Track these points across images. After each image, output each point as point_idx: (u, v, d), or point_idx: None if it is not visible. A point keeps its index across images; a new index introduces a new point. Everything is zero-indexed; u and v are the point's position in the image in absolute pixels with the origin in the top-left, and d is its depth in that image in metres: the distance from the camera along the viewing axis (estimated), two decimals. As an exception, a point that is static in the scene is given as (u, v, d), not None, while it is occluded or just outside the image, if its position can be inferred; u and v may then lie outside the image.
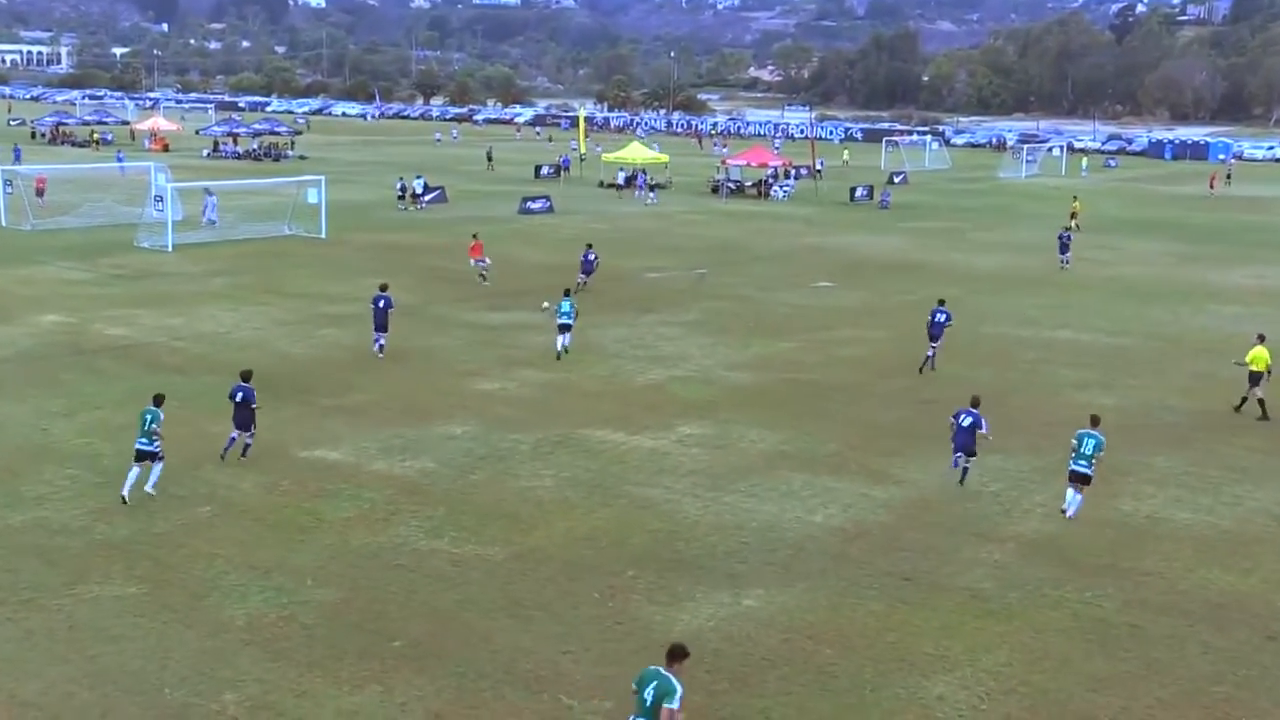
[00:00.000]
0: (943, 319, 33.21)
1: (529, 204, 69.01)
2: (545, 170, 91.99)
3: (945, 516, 21.81)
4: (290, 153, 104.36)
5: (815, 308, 42.06)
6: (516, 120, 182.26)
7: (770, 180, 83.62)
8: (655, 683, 12.22)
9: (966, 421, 23.25)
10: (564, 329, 33.18)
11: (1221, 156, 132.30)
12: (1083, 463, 21.76)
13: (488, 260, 45.73)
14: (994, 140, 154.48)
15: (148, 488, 21.26)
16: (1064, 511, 21.77)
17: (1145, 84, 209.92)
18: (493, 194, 77.79)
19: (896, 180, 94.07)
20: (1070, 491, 21.85)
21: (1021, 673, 16.25)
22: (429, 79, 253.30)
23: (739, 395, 29.97)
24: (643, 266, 50.07)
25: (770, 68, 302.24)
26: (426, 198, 70.22)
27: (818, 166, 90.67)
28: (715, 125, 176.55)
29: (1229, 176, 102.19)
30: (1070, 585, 18.97)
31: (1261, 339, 30.89)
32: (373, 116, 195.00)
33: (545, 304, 35.20)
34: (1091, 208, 72.89)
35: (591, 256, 44.06)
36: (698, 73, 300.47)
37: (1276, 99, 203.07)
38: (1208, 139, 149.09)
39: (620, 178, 79.19)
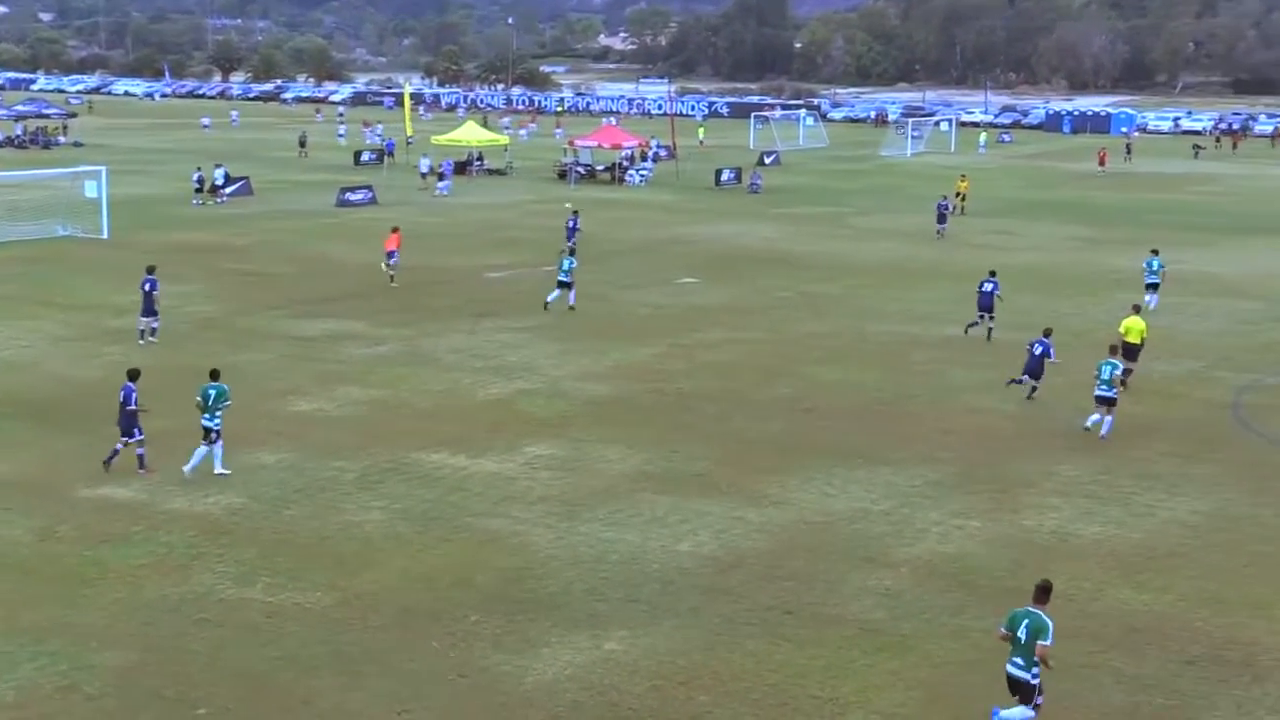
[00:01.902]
0: (991, 288, 37.84)
1: (348, 195, 68.38)
2: (367, 157, 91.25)
3: (830, 540, 22.13)
4: (62, 139, 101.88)
5: (679, 307, 42.36)
6: (331, 99, 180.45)
7: (625, 163, 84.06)
8: (1028, 621, 15.12)
9: (1038, 350, 30.26)
10: (562, 285, 40.37)
11: (1124, 129, 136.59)
12: (1104, 387, 27.92)
13: (397, 257, 45.87)
14: (876, 114, 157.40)
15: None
16: (1085, 428, 28.23)
17: (1040, 50, 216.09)
18: (306, 185, 76.88)
19: (767, 161, 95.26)
20: (1096, 416, 28.10)
21: (919, 713, 16.55)
22: (227, 52, 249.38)
23: (595, 410, 30.03)
24: (481, 265, 49.93)
25: (623, 35, 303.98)
26: (228, 190, 69.11)
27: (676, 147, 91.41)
28: (561, 101, 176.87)
29: (1129, 150, 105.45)
30: (970, 612, 19.38)
31: (1136, 309, 33.33)
32: (162, 95, 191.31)
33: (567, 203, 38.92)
34: (986, 188, 74.68)
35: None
36: (541, 42, 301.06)
37: (1181, 65, 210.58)
38: (1109, 110, 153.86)
39: (423, 166, 77.64)
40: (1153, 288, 42.97)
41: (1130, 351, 32.05)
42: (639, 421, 29.02)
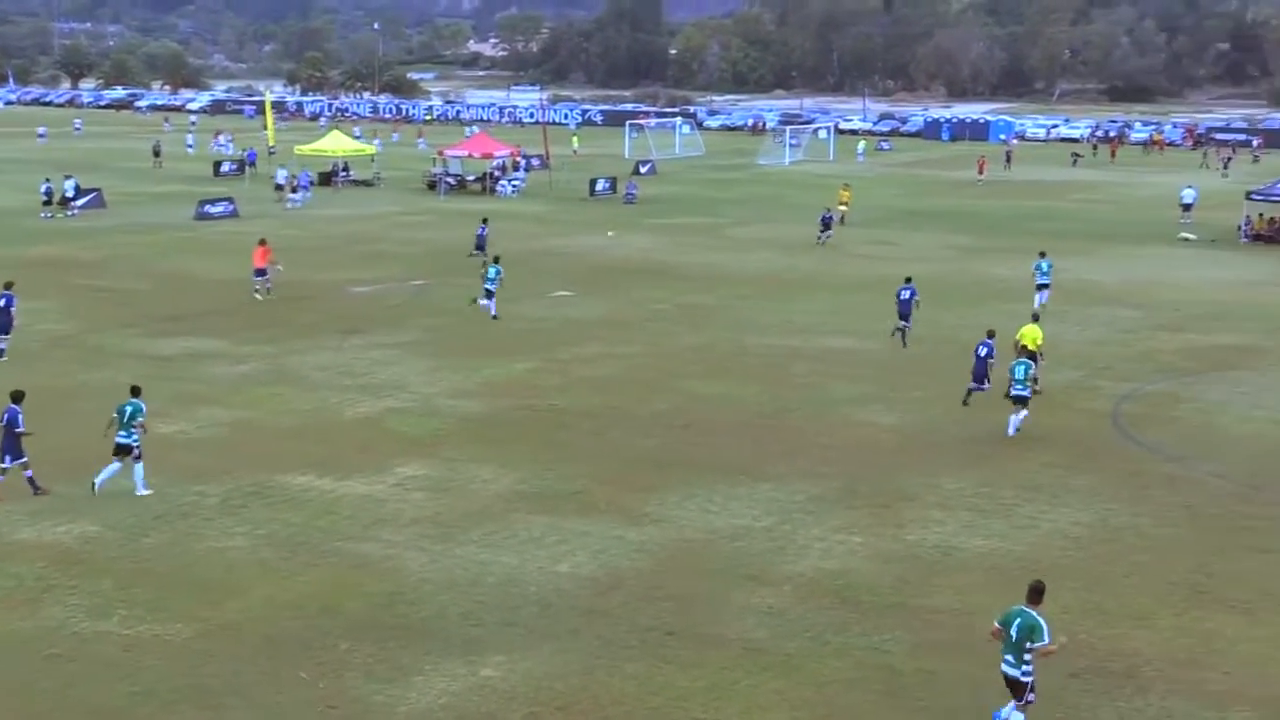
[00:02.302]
0: (908, 295, 39.25)
1: (208, 208, 67.48)
2: (228, 168, 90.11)
3: (712, 558, 22.24)
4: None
5: (554, 321, 42.35)
6: (188, 107, 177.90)
7: (497, 173, 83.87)
8: (1020, 620, 15.83)
9: (982, 352, 31.54)
10: (488, 294, 41.89)
11: (1003, 136, 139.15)
12: (1019, 386, 29.56)
13: (280, 267, 45.56)
14: (753, 122, 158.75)
15: None
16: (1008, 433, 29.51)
17: (918, 57, 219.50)
18: (162, 197, 75.74)
19: (643, 170, 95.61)
20: (1013, 417, 29.62)
21: (804, 733, 16.66)
22: (76, 57, 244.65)
23: (468, 428, 29.91)
24: (348, 279, 49.54)
25: (493, 41, 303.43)
26: (79, 203, 67.82)
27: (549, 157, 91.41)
28: (430, 110, 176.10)
29: (1008, 158, 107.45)
30: (855, 629, 19.58)
31: (1035, 318, 34.66)
32: (5, 103, 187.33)
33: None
34: (866, 197, 75.61)
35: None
36: (408, 48, 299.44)
37: (1058, 73, 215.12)
38: (988, 117, 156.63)
39: (280, 177, 76.51)
40: (1043, 288, 45.41)
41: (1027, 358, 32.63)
42: (513, 439, 28.95)
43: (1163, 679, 18.08)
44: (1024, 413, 29.82)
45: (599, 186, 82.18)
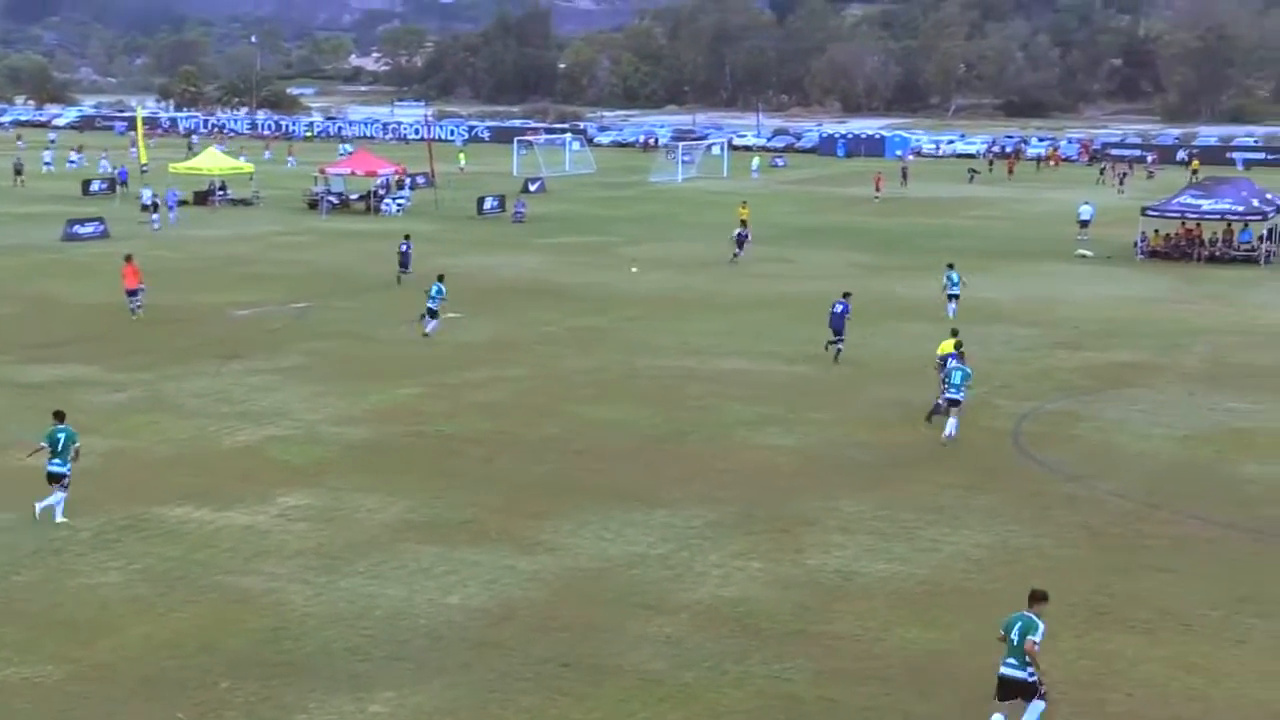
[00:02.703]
0: (841, 309, 40.41)
1: (76, 228, 66.52)
2: (98, 186, 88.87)
3: (607, 587, 22.26)
4: None
5: (442, 344, 42.20)
6: (55, 123, 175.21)
7: (381, 192, 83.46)
8: (1020, 624, 16.91)
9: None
10: (431, 314, 42.74)
11: (899, 152, 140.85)
12: (953, 390, 31.23)
13: (144, 288, 45.16)
14: (644, 138, 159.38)
15: None
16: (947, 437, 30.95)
17: (812, 71, 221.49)
18: (27, 217, 74.53)
19: (532, 188, 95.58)
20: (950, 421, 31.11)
21: (704, 765, 16.72)
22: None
23: (354, 455, 29.72)
24: (227, 302, 49.05)
25: (376, 55, 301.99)
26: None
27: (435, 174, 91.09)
28: (311, 126, 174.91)
29: (905, 174, 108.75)
30: (755, 658, 19.68)
31: (955, 333, 35.91)
32: None
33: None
34: (762, 214, 76.12)
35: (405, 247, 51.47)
36: (287, 62, 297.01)
37: (954, 88, 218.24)
38: (883, 133, 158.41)
39: (145, 197, 75.16)
40: (953, 299, 47.77)
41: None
42: (401, 467, 28.80)
43: (1066, 701, 18.35)
44: (954, 420, 31.34)
45: (487, 204, 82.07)
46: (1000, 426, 33.10)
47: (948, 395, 31.65)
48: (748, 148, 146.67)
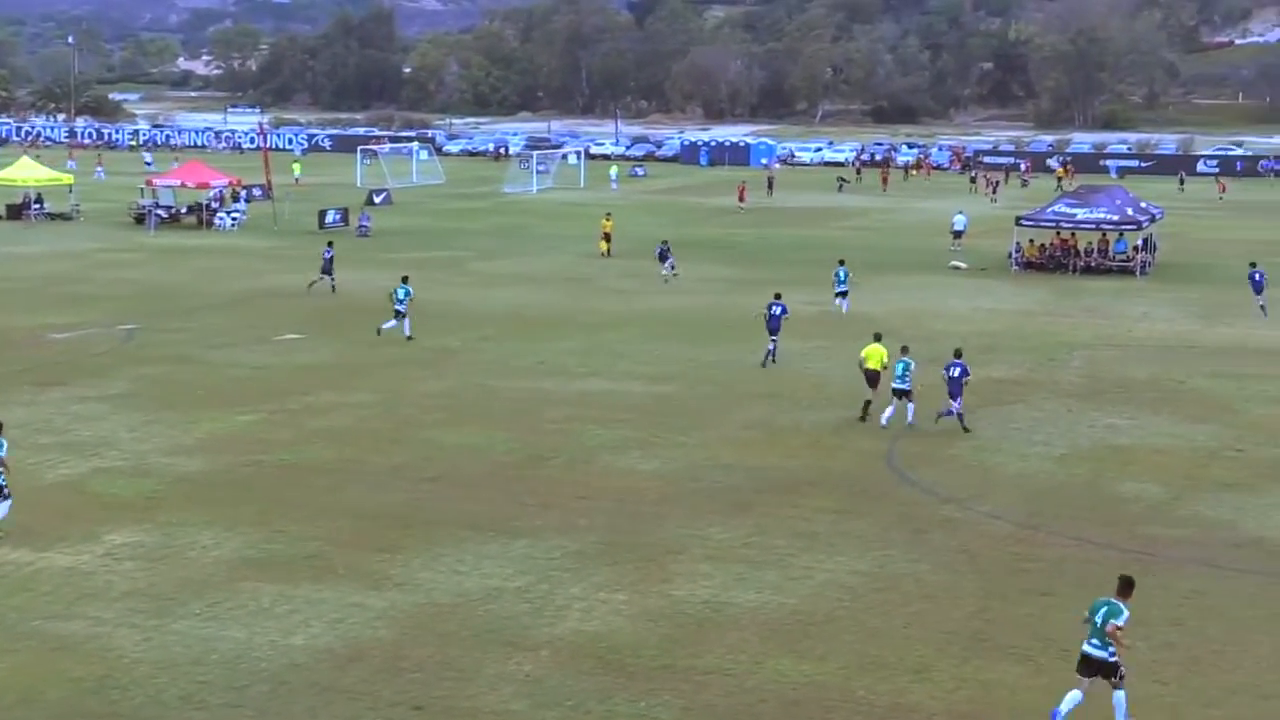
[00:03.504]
0: (779, 311, 42.89)
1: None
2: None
3: (461, 624, 22.14)
4: None
5: (281, 368, 41.78)
6: None
7: (214, 205, 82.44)
8: (1105, 608, 18.71)
9: (955, 372, 34.58)
10: (399, 315, 45.51)
11: (764, 161, 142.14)
12: (898, 381, 34.61)
13: None
14: (496, 147, 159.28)
15: None
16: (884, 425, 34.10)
17: (673, 75, 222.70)
18: None
19: (377, 200, 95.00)
20: (891, 410, 34.49)
21: (567, 811, 16.68)
22: None
23: (186, 488, 29.29)
24: (45, 325, 48.15)
25: (206, 58, 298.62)
26: None
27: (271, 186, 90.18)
28: (137, 134, 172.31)
29: (770, 184, 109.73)
30: (620, 695, 19.69)
31: (878, 337, 37.24)
32: None
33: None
34: (622, 226, 76.38)
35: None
36: (108, 65, 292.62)
37: (821, 93, 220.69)
38: (748, 140, 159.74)
39: None
40: (843, 295, 51.13)
41: (870, 377, 35.67)
42: (238, 499, 28.43)
43: (945, 734, 18.61)
44: (911, 405, 34.70)
45: (329, 218, 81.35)
46: (874, 447, 33.49)
47: (894, 385, 34.96)
48: (606, 156, 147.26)
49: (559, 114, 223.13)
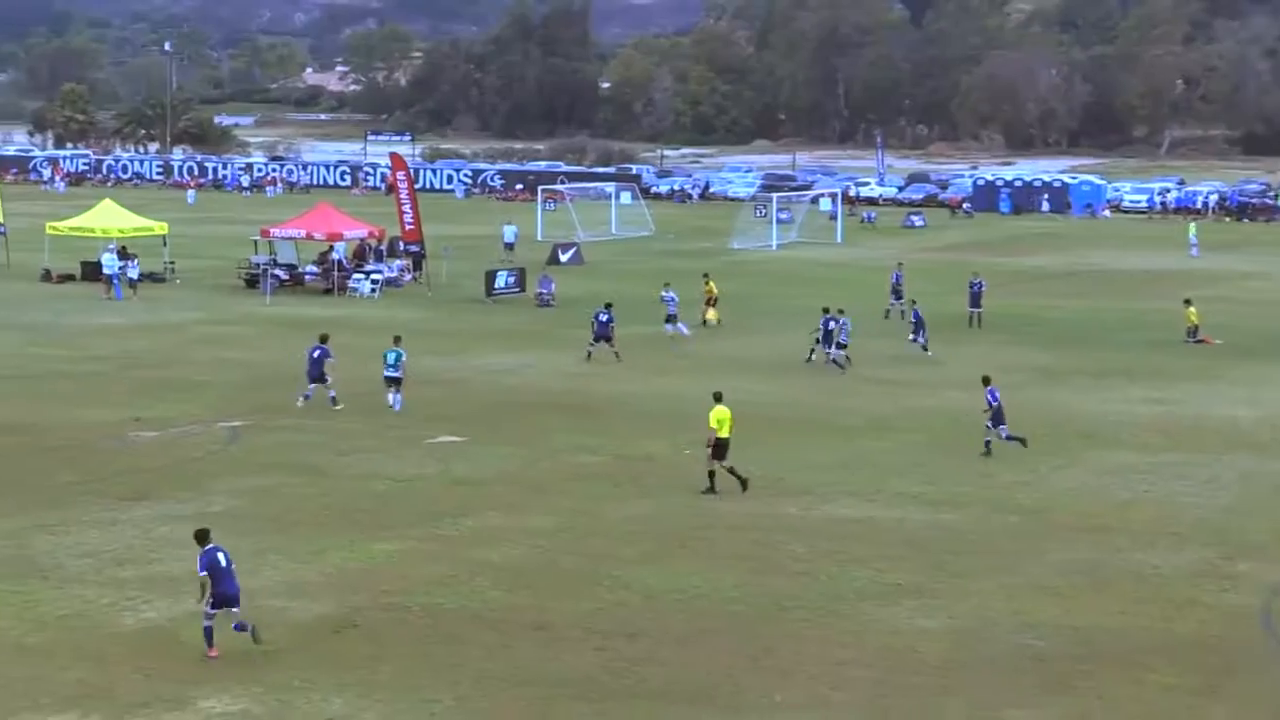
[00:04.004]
0: (606, 319, 47.58)
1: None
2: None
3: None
4: None
5: (434, 481, 42.26)
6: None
7: (346, 263, 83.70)
8: None
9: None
10: (392, 382, 50.37)
11: (1089, 206, 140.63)
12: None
13: None
14: (684, 188, 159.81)
15: None
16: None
17: (962, 91, 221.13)
18: None
19: (564, 258, 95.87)
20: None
21: None
22: None
23: (307, 639, 29.64)
24: (128, 420, 49.28)
25: (341, 69, 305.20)
26: None
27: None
28: (249, 168, 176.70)
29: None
30: None
31: (718, 397, 40.30)
32: None
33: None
34: (886, 296, 76.16)
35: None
36: (215, 79, 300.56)
37: (1167, 113, 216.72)
38: (1065, 178, 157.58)
39: (109, 264, 76.73)
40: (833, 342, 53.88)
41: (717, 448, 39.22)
42: (375, 657, 28.70)
43: None
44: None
45: (500, 282, 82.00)
46: (1243, 602, 32.75)
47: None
48: (871, 200, 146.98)
49: (807, 143, 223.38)
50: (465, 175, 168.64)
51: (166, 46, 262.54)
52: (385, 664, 28.40)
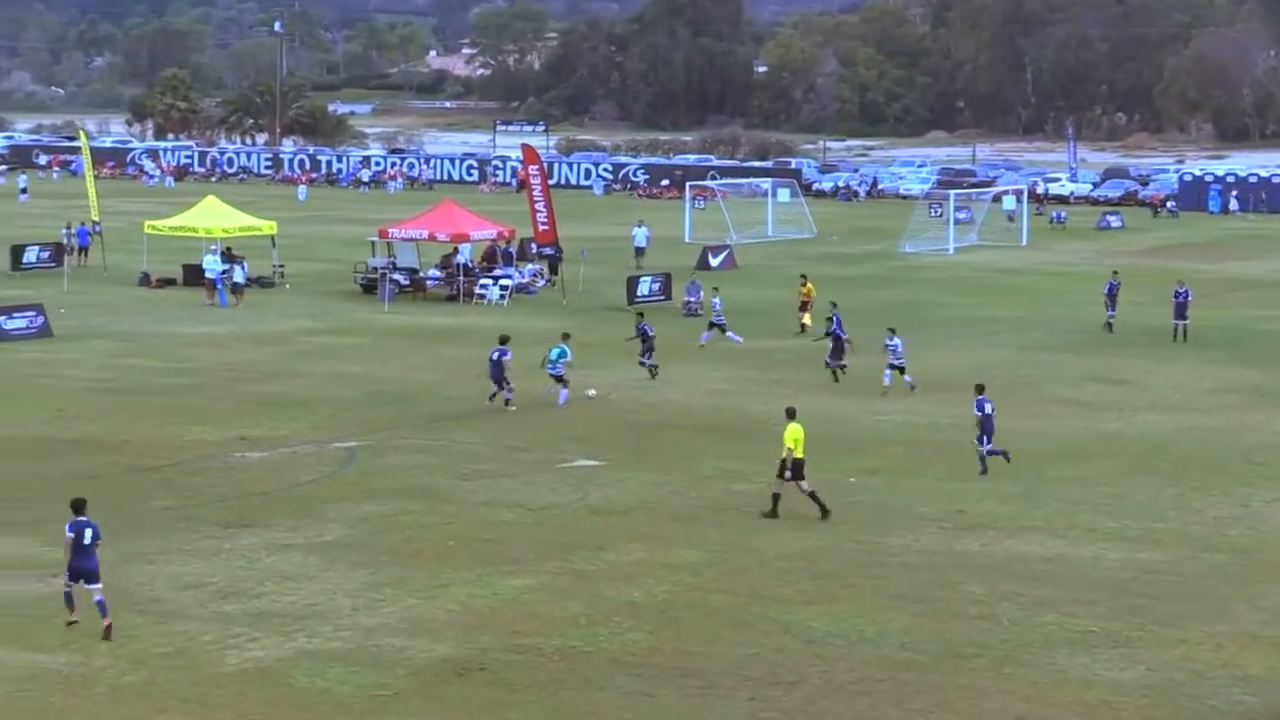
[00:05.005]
0: (498, 355, 52.64)
1: (1, 321, 67.69)
2: (35, 255, 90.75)
3: None
4: None
5: (568, 509, 42.42)
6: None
7: (474, 267, 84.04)
8: None
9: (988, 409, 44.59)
10: (556, 379, 54.76)
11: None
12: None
13: None
14: (843, 185, 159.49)
15: None
16: None
17: (1167, 75, 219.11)
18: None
19: (714, 262, 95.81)
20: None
21: None
22: None
23: (429, 684, 29.82)
24: (233, 440, 49.74)
25: (468, 52, 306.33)
26: None
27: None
28: (366, 161, 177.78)
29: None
30: None
31: (791, 414, 42.17)
32: None
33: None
34: (1075, 305, 75.71)
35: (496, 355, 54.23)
36: (330, 63, 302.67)
37: None
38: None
39: (211, 268, 77.73)
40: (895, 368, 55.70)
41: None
42: (505, 703, 28.86)
43: None
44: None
45: (643, 289, 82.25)
46: None
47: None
48: (1061, 198, 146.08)
49: (988, 134, 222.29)
50: (605, 170, 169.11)
51: (276, 27, 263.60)
52: (514, 711, 28.57)
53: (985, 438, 46.39)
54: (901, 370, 57.73)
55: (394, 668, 30.73)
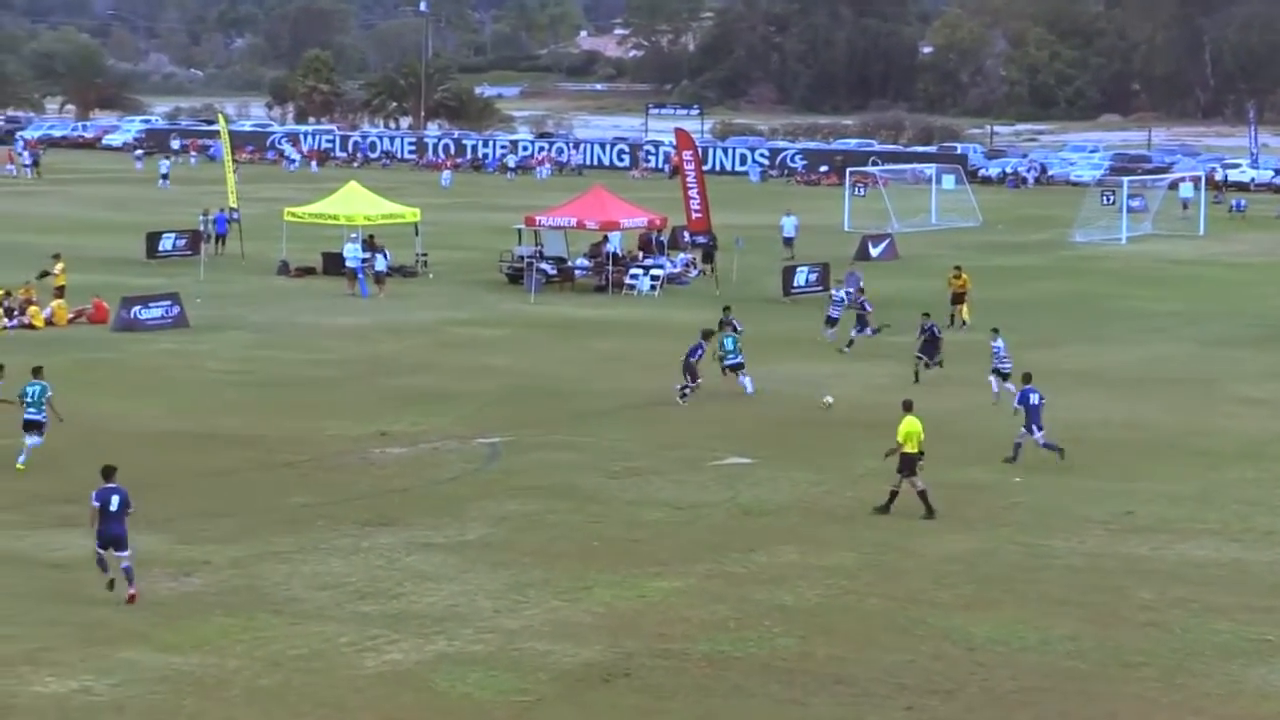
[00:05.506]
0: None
1: (136, 312, 68.31)
2: (171, 244, 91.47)
3: None
4: None
5: (718, 508, 42.43)
6: (107, 140, 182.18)
7: (626, 258, 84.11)
8: None
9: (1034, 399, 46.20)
10: (735, 369, 56.26)
11: None
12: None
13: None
14: (1013, 171, 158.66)
15: None
16: None
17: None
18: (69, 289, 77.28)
19: (874, 251, 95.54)
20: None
21: None
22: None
23: (574, 689, 29.89)
24: (373, 435, 50.01)
25: (620, 32, 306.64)
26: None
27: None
28: (513, 146, 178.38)
29: None
30: None
31: (908, 406, 42.75)
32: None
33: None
34: (1257, 298, 74.99)
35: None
36: (476, 44, 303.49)
37: None
38: None
39: (352, 256, 78.54)
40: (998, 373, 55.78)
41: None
42: (650, 711, 28.89)
43: None
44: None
45: (800, 279, 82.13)
46: None
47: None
48: (1241, 185, 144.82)
49: (1164, 118, 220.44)
50: (761, 155, 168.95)
51: (422, 7, 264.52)
52: (660, 719, 28.60)
53: (1035, 427, 46.82)
54: (1005, 376, 55.06)
55: (536, 672, 30.83)
